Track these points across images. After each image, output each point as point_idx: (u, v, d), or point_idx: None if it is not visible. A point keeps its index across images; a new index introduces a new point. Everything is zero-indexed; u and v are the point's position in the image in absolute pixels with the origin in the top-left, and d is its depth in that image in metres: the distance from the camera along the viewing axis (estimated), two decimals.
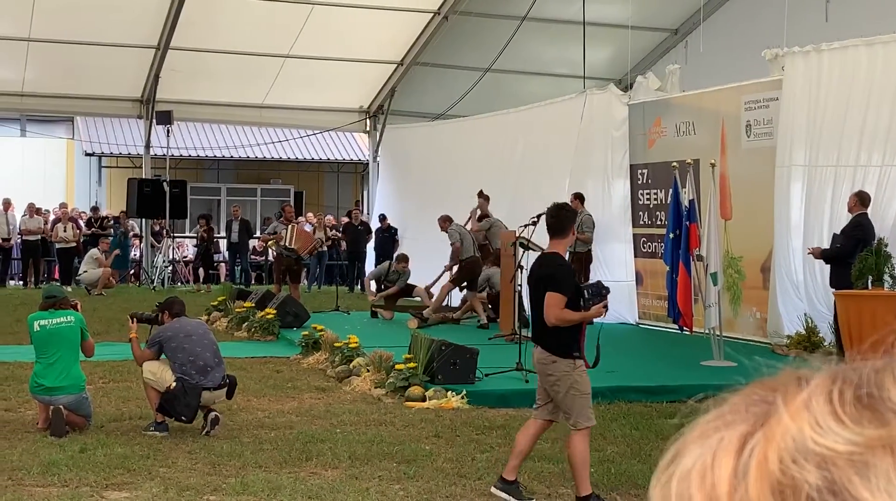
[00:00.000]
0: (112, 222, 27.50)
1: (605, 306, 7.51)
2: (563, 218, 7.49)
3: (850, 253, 12.62)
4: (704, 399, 0.79)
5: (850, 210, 13.20)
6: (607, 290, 7.57)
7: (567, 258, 18.09)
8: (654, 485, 0.75)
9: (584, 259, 18.05)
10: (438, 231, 18.78)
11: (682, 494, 0.72)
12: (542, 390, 7.43)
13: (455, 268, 18.04)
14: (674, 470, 0.74)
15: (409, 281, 19.27)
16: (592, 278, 16.90)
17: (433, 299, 18.11)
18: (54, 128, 34.15)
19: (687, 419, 0.78)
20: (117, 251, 24.95)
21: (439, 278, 18.75)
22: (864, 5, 17.62)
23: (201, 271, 27.30)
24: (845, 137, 14.07)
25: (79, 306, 10.15)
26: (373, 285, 19.93)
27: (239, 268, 27.18)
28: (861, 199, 13.10)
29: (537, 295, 7.36)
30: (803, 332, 13.90)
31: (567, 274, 7.52)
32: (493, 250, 17.86)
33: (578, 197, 18.18)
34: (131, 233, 27.36)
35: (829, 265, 13.47)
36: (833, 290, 12.86)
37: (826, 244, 13.62)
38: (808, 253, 13.61)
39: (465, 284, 18.11)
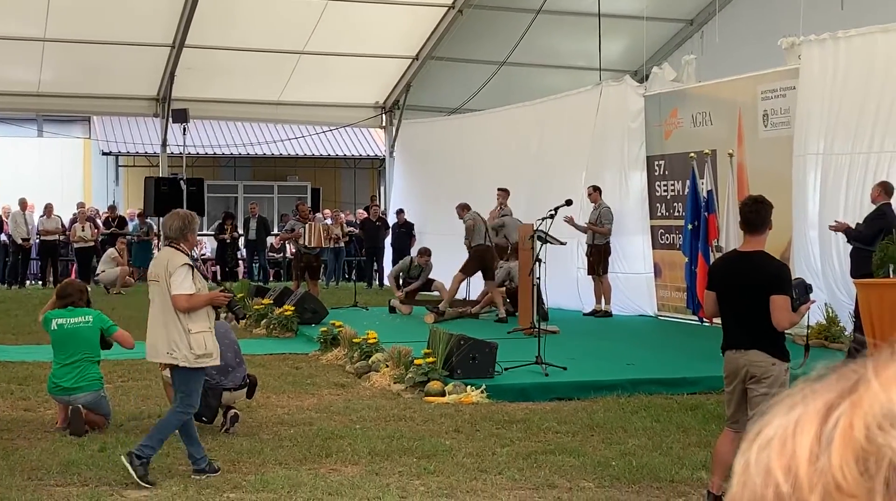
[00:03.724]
0: (134, 221, 27.57)
1: (812, 302, 7.19)
2: (764, 212, 7.01)
3: (869, 241, 12.55)
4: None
5: (873, 200, 13.09)
6: (811, 288, 7.26)
7: (586, 252, 18.14)
8: (738, 457, 0.74)
9: (602, 252, 18.00)
10: (456, 225, 18.74)
11: (760, 463, 0.71)
12: (738, 397, 6.94)
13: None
14: (756, 440, 0.73)
15: (430, 276, 19.21)
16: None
17: (447, 292, 18.05)
18: (71, 128, 34.22)
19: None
20: (123, 246, 24.90)
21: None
22: None
23: (217, 269, 27.33)
24: (861, 125, 13.98)
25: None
26: (397, 282, 19.73)
27: (257, 265, 27.19)
28: (885, 188, 13.01)
29: (750, 297, 6.83)
30: (824, 322, 13.81)
31: (789, 274, 7.09)
32: (511, 245, 17.79)
33: (597, 189, 18.13)
34: (152, 232, 27.39)
35: (849, 255, 13.38)
36: (853, 279, 12.78)
37: (842, 237, 13.52)
38: (831, 227, 13.44)
39: (479, 274, 18.02)
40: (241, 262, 28.51)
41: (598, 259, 17.99)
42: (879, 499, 0.66)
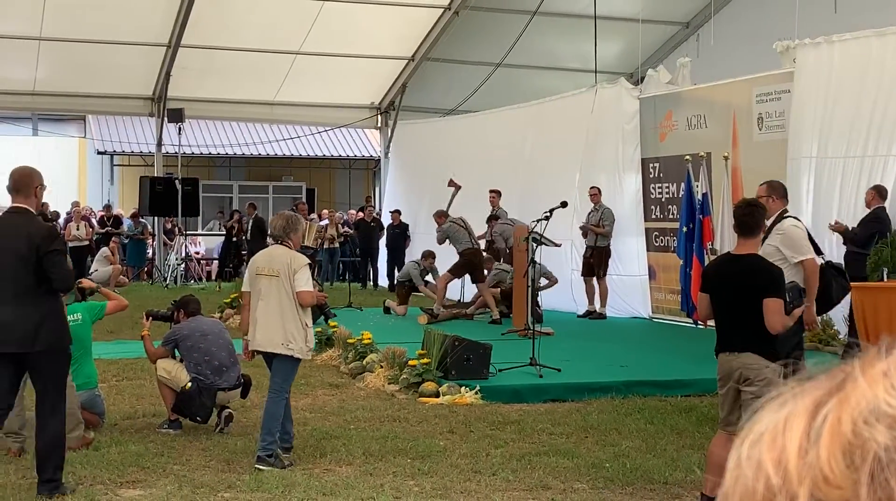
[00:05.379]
0: (129, 220, 27.54)
1: (805, 305, 7.21)
2: (758, 215, 7.05)
3: (863, 243, 12.58)
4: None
5: (867, 205, 13.11)
6: (804, 291, 7.29)
7: (585, 253, 18.10)
8: (731, 453, 0.77)
9: (603, 254, 17.99)
10: None
11: (752, 457, 0.74)
12: (732, 399, 6.92)
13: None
14: (747, 436, 0.76)
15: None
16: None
17: (436, 294, 18.02)
18: (66, 127, 34.21)
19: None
20: (115, 245, 24.86)
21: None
22: None
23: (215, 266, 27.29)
24: (855, 128, 14.00)
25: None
26: (410, 288, 19.24)
27: None
28: (879, 192, 13.04)
29: (744, 300, 6.85)
30: (818, 325, 13.83)
31: (783, 278, 7.08)
32: (508, 249, 17.75)
33: (599, 191, 18.12)
34: (146, 231, 27.40)
35: (843, 258, 13.39)
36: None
37: (835, 238, 13.55)
38: (831, 227, 13.46)
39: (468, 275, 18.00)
40: (244, 261, 28.48)
41: (599, 261, 17.99)
42: (864, 490, 0.69)
